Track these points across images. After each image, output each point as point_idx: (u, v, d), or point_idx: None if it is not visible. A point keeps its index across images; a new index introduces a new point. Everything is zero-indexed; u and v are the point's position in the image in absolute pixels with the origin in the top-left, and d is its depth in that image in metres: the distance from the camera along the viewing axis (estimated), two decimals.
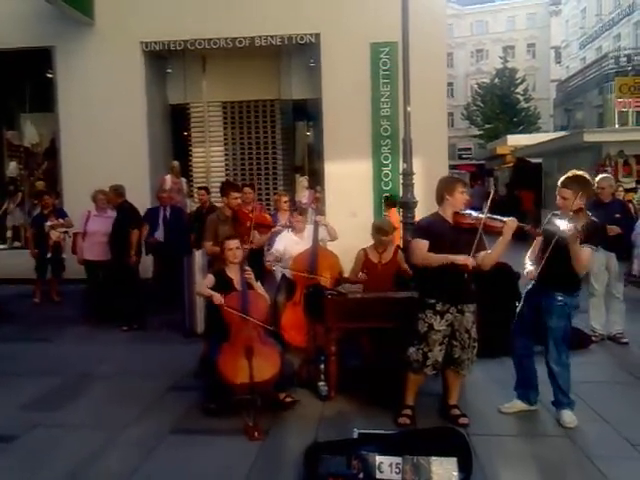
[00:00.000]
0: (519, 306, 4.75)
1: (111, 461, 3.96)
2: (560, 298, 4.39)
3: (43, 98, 11.45)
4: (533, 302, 4.55)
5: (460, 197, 4.37)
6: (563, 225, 4.14)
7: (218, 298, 4.67)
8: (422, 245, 4.30)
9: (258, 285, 5.02)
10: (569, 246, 4.18)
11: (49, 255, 8.84)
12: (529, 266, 4.57)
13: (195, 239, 7.72)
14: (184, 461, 3.90)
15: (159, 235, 8.49)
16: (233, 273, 4.94)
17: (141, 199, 9.12)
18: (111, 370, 5.90)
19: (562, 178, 4.51)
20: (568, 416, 4.42)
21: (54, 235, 8.79)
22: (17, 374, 5.78)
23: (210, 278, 4.94)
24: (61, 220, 8.92)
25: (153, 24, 10.59)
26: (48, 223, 8.80)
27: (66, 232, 8.94)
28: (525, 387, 4.67)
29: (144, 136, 10.87)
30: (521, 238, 4.59)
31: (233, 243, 4.98)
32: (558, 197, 4.48)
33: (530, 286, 4.62)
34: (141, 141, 10.80)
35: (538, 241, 4.55)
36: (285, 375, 4.69)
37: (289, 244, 6.12)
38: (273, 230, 6.54)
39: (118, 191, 7.87)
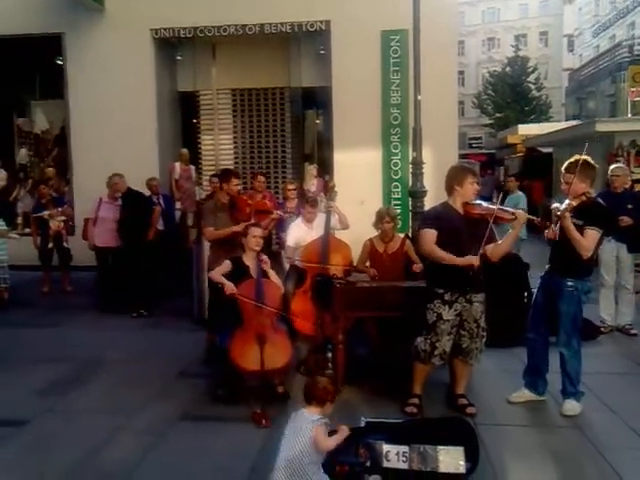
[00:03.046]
0: (535, 293, 4.74)
1: (121, 446, 4.00)
2: (570, 283, 4.38)
3: (53, 85, 11.48)
4: (547, 288, 4.55)
5: (470, 188, 4.34)
6: (561, 207, 4.20)
7: (230, 288, 4.62)
8: (430, 235, 4.28)
9: (272, 273, 5.00)
10: (562, 224, 4.18)
11: (50, 245, 8.79)
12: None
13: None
14: (194, 447, 3.93)
15: (159, 224, 8.54)
16: (250, 260, 4.91)
17: None
18: (120, 356, 5.94)
19: (565, 164, 4.51)
20: (568, 404, 4.43)
21: (53, 224, 8.74)
22: (27, 360, 5.83)
23: (227, 264, 4.88)
24: (59, 209, 8.88)
25: (163, 11, 10.56)
26: (45, 212, 8.76)
27: (65, 221, 8.92)
28: (533, 375, 4.67)
29: (153, 123, 10.86)
30: (530, 229, 4.58)
31: (258, 231, 4.97)
32: (563, 183, 4.49)
33: (544, 272, 4.61)
34: (150, 128, 10.80)
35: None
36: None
37: (301, 235, 6.11)
38: (272, 217, 6.47)
39: (123, 178, 7.96)
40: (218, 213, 5.88)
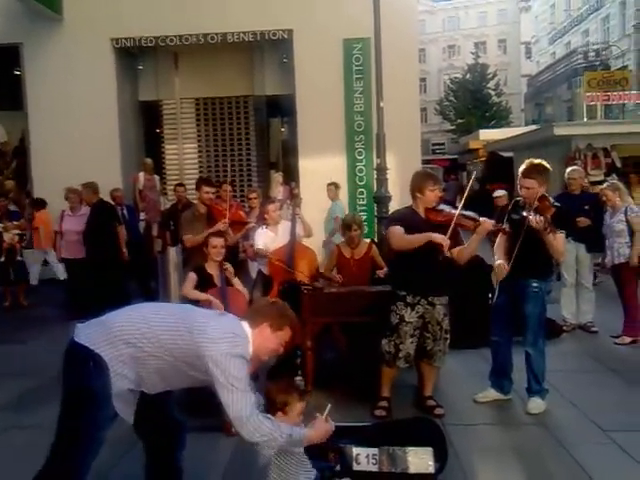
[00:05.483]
0: (495, 295, 4.80)
1: None
2: (535, 284, 4.46)
3: (11, 96, 11.26)
4: (509, 291, 4.61)
5: (430, 195, 4.36)
6: (531, 216, 4.21)
7: (218, 304, 4.60)
8: (398, 230, 4.29)
9: (236, 281, 5.03)
10: (542, 237, 4.25)
11: (2, 259, 8.59)
12: (498, 260, 4.55)
13: (170, 236, 7.67)
14: None
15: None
16: (213, 269, 4.93)
17: None
18: None
19: (522, 168, 4.54)
20: (533, 402, 4.51)
21: (7, 237, 8.57)
22: None
23: (193, 277, 4.88)
24: (14, 222, 8.71)
25: (123, 20, 10.48)
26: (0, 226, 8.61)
27: (20, 234, 8.76)
28: (499, 376, 4.74)
29: (115, 134, 10.75)
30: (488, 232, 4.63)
31: (218, 241, 4.98)
32: (521, 188, 4.52)
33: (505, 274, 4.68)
34: (112, 139, 10.69)
35: (503, 237, 4.59)
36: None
37: (267, 241, 6.11)
38: (247, 227, 6.52)
39: (92, 189, 7.82)
40: (195, 223, 5.88)
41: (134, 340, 2.66)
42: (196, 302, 4.65)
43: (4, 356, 6.44)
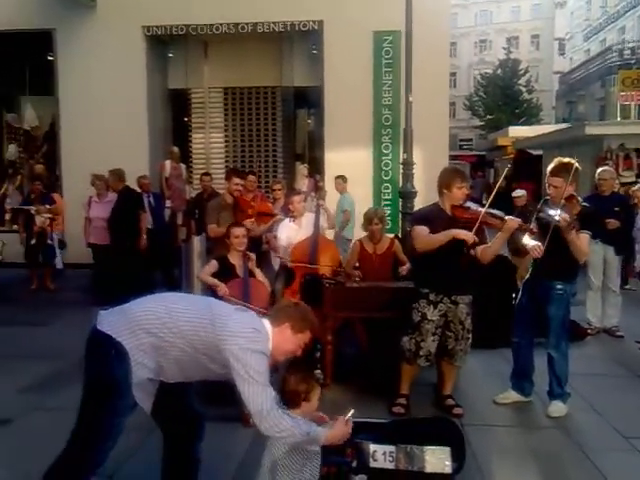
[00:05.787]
0: (518, 297, 4.75)
1: None
2: (559, 287, 4.40)
3: (43, 81, 11.42)
4: (532, 292, 4.56)
5: (457, 192, 4.30)
6: (557, 214, 4.14)
7: (223, 289, 4.65)
8: (422, 230, 4.26)
9: (258, 272, 5.04)
10: (566, 235, 4.18)
11: (33, 241, 8.72)
12: (532, 241, 4.36)
13: (195, 225, 7.71)
14: None
15: (149, 222, 8.46)
16: (235, 259, 4.95)
17: None
18: None
19: (550, 167, 4.49)
20: (554, 406, 4.46)
21: (38, 221, 8.68)
22: (15, 357, 5.75)
23: (213, 264, 4.92)
24: (47, 206, 8.83)
25: (155, 8, 10.54)
26: (32, 207, 8.73)
27: (52, 218, 8.87)
28: (520, 377, 4.69)
29: (144, 121, 10.84)
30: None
31: (239, 231, 5.00)
32: (549, 186, 4.46)
33: (528, 276, 4.62)
34: (141, 126, 10.78)
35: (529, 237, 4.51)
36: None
37: (291, 234, 6.10)
38: (274, 220, 6.52)
39: (118, 175, 7.88)
40: (222, 212, 5.92)
41: (155, 330, 2.67)
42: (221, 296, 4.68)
43: (29, 338, 6.55)
